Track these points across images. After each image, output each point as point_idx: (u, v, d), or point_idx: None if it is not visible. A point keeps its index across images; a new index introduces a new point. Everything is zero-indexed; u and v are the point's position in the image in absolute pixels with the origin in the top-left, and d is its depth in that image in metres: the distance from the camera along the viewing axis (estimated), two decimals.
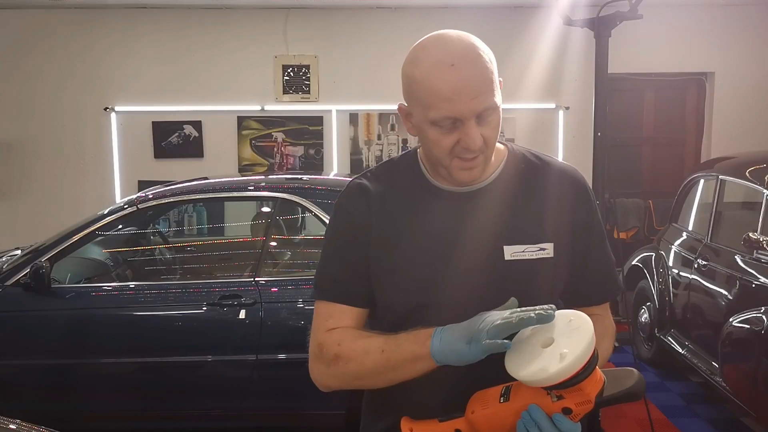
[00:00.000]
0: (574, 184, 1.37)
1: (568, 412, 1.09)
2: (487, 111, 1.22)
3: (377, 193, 1.35)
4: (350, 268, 1.34)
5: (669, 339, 4.43)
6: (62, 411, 3.48)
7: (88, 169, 6.49)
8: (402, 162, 1.41)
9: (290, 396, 3.46)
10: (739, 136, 6.35)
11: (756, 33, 6.51)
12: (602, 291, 1.41)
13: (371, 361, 1.24)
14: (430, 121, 1.23)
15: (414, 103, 1.26)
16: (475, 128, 1.22)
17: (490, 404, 1.15)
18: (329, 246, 1.39)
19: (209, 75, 6.44)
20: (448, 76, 1.19)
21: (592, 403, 1.09)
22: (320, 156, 6.56)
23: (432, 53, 1.22)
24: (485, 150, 1.26)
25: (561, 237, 1.31)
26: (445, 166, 1.27)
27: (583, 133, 6.25)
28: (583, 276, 1.35)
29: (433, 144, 1.25)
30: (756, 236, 3.51)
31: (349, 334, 1.30)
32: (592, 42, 4.58)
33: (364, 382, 1.30)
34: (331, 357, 1.29)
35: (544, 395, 1.10)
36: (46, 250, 3.53)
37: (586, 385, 1.08)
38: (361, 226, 1.33)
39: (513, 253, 1.28)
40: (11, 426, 1.73)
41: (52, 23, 6.34)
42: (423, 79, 1.22)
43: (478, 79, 1.20)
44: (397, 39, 6.33)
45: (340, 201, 1.39)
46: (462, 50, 1.21)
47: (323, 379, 1.33)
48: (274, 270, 3.81)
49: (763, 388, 3.23)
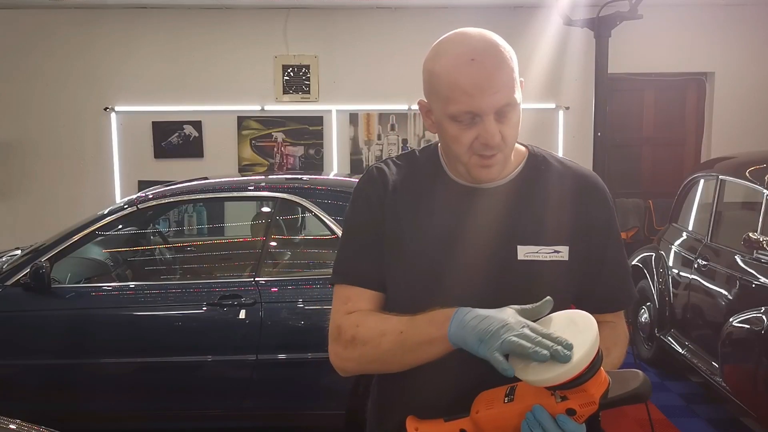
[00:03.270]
0: (593, 189, 1.36)
1: (572, 413, 1.08)
2: (506, 108, 1.22)
3: (396, 180, 1.35)
4: (367, 252, 1.34)
5: (669, 339, 4.42)
6: (62, 411, 3.48)
7: (88, 169, 6.50)
8: (423, 154, 1.41)
9: (290, 396, 3.46)
10: (739, 136, 6.35)
11: (756, 33, 6.51)
12: (617, 299, 1.39)
13: (388, 342, 1.23)
14: (450, 116, 1.23)
15: (434, 98, 1.26)
16: (494, 124, 1.21)
17: (495, 404, 1.15)
18: (347, 230, 1.39)
19: (209, 75, 6.44)
20: (468, 70, 1.19)
21: (596, 405, 1.08)
22: (320, 156, 6.56)
23: (453, 48, 1.23)
24: (504, 148, 1.25)
25: (577, 241, 1.30)
26: (463, 163, 1.27)
27: (583, 133, 6.25)
28: (598, 283, 1.34)
29: (452, 140, 1.25)
30: (756, 236, 3.51)
31: (367, 316, 1.30)
32: (592, 42, 4.59)
33: (380, 365, 1.29)
34: (348, 339, 1.28)
35: (549, 396, 1.10)
36: (46, 250, 3.53)
37: (591, 386, 1.08)
38: (377, 210, 1.34)
39: (527, 253, 1.27)
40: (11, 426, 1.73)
41: (52, 23, 6.34)
42: (443, 73, 1.22)
43: (498, 74, 1.20)
44: (397, 39, 6.35)
45: (360, 184, 1.39)
46: (483, 46, 1.21)
47: (341, 362, 1.32)
48: (274, 270, 3.81)
49: (763, 388, 3.23)
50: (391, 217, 1.33)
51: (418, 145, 6.50)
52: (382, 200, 1.34)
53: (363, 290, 1.33)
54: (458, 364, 1.20)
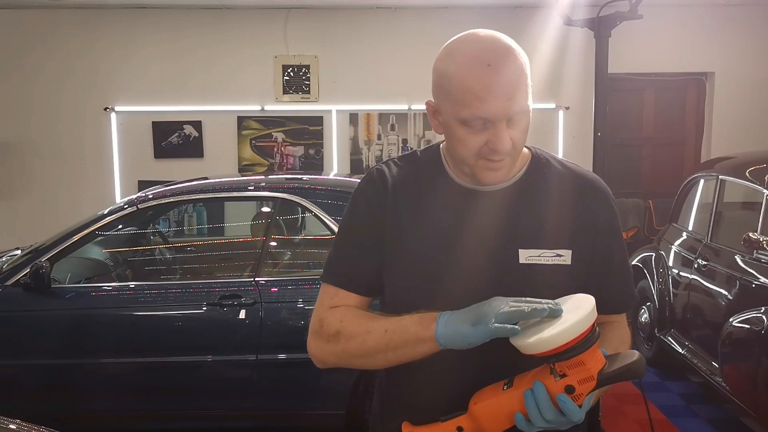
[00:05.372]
0: (596, 192, 1.35)
1: (570, 390, 1.10)
2: (518, 114, 1.21)
3: (397, 182, 1.35)
4: (362, 255, 1.34)
5: (669, 339, 4.42)
6: (62, 411, 3.48)
7: (88, 169, 6.50)
8: (424, 155, 1.40)
9: (290, 396, 3.46)
10: (739, 136, 6.36)
11: (756, 33, 6.51)
12: (621, 301, 1.39)
13: (373, 340, 1.24)
14: (460, 120, 1.21)
15: (444, 99, 1.24)
16: (505, 130, 1.20)
17: (494, 394, 1.17)
18: (344, 230, 1.39)
19: (209, 75, 6.44)
20: (483, 75, 1.18)
21: (594, 380, 1.10)
22: (320, 156, 6.56)
23: (467, 51, 1.21)
24: (512, 153, 1.25)
25: (580, 245, 1.29)
26: (470, 166, 1.26)
27: (583, 133, 6.25)
28: (602, 285, 1.33)
29: (461, 143, 1.24)
30: (756, 236, 3.51)
31: (352, 312, 1.30)
32: (592, 42, 4.58)
33: (362, 361, 1.29)
34: (332, 333, 1.29)
35: (547, 375, 1.12)
36: (46, 250, 3.53)
37: (588, 358, 1.10)
38: (378, 212, 1.33)
39: (528, 257, 1.27)
40: (11, 426, 1.73)
41: (52, 23, 6.35)
42: (457, 76, 1.20)
43: (513, 81, 1.19)
44: (397, 39, 6.35)
45: (360, 185, 1.39)
46: (498, 50, 1.20)
47: (322, 355, 1.33)
48: (274, 270, 3.81)
49: (763, 388, 3.23)
50: (392, 217, 1.32)
51: (418, 145, 6.53)
52: (382, 201, 1.33)
53: (349, 293, 1.33)
54: (460, 366, 1.20)
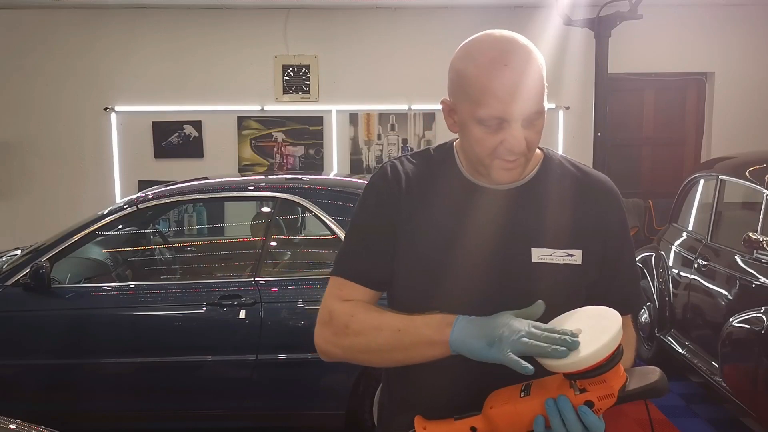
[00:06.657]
0: (607, 193, 1.36)
1: (590, 405, 1.09)
2: (534, 115, 1.22)
3: (410, 178, 1.35)
4: (372, 248, 1.33)
5: (669, 339, 4.42)
6: (62, 411, 3.48)
7: (88, 169, 6.50)
8: (438, 153, 1.40)
9: (290, 396, 3.46)
10: (739, 136, 6.36)
11: (756, 33, 6.51)
12: (629, 302, 1.39)
13: (383, 338, 1.24)
14: (477, 119, 1.22)
15: (461, 98, 1.25)
16: (521, 131, 1.22)
17: (510, 400, 1.15)
18: (355, 224, 1.39)
19: (209, 75, 6.44)
20: (502, 75, 1.19)
21: (614, 397, 1.09)
22: (320, 156, 6.56)
23: (487, 51, 1.22)
24: (527, 153, 1.26)
25: (591, 245, 1.30)
26: (485, 165, 1.27)
27: (583, 133, 6.25)
28: (612, 286, 1.33)
29: (476, 142, 1.25)
30: (756, 236, 3.51)
31: (363, 307, 1.30)
32: (592, 42, 4.59)
33: (369, 357, 1.29)
34: (341, 326, 1.29)
35: (567, 388, 1.10)
36: (46, 250, 3.53)
37: (611, 377, 1.09)
38: (390, 207, 1.33)
39: (540, 256, 1.27)
40: (11, 426, 1.73)
41: (52, 23, 6.35)
42: (476, 75, 1.20)
43: (531, 82, 1.20)
44: (397, 39, 6.35)
45: (373, 179, 1.39)
46: (517, 51, 1.21)
47: (328, 347, 1.33)
48: (274, 270, 3.81)
49: (763, 388, 3.23)
50: (404, 214, 1.32)
51: (417, 145, 6.53)
52: (394, 197, 1.33)
53: (359, 286, 1.33)
54: (468, 365, 1.20)
